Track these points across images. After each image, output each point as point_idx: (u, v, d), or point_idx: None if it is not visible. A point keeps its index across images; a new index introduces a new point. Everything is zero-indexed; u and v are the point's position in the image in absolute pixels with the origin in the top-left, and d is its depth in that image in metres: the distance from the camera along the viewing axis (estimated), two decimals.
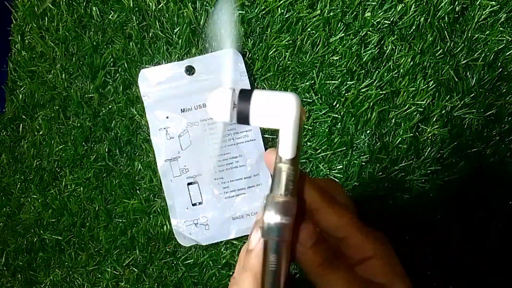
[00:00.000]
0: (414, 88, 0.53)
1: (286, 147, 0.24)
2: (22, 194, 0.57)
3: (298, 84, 0.54)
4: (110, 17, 0.55)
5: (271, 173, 0.25)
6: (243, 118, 0.23)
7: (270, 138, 0.54)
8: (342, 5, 0.53)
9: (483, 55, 0.53)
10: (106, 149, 0.55)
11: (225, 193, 0.53)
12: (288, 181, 0.24)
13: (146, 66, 0.55)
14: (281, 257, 0.24)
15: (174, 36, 0.54)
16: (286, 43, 0.53)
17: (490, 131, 0.53)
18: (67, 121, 0.56)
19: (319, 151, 0.53)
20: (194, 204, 0.53)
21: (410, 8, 0.52)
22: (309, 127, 0.53)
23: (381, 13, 0.52)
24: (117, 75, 0.55)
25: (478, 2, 0.53)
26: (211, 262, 0.55)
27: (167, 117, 0.53)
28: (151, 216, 0.55)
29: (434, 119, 0.53)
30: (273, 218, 0.23)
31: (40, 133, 0.56)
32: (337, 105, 0.53)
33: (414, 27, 0.53)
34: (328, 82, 0.53)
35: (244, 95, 0.23)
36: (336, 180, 0.53)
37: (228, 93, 0.23)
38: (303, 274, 0.33)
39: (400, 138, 0.53)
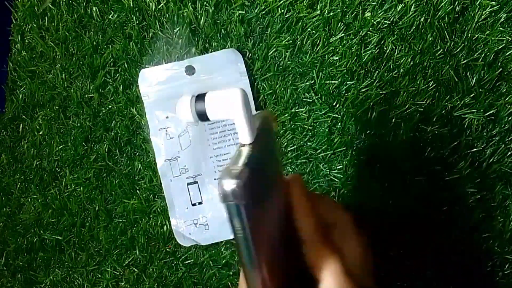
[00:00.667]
0: (414, 88, 0.53)
1: (243, 133, 0.28)
2: (22, 194, 0.57)
3: (298, 84, 0.54)
4: (110, 17, 0.55)
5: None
6: (201, 115, 0.29)
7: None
8: (342, 5, 0.53)
9: (483, 55, 0.53)
10: (106, 149, 0.55)
11: None
12: (246, 157, 0.27)
13: (146, 66, 0.55)
14: (245, 221, 0.26)
15: (174, 36, 0.54)
16: (286, 43, 0.53)
17: (490, 131, 0.53)
18: (67, 121, 0.56)
19: (319, 151, 0.53)
20: (194, 204, 0.53)
21: (410, 8, 0.52)
22: (309, 127, 0.53)
23: (381, 13, 0.52)
24: (117, 75, 0.55)
25: (478, 2, 0.53)
26: (211, 262, 0.55)
27: (167, 117, 0.53)
28: (151, 216, 0.55)
29: (434, 119, 0.53)
30: (226, 183, 0.25)
31: (40, 133, 0.56)
32: (337, 105, 0.53)
33: (414, 27, 0.53)
34: (328, 82, 0.53)
35: (200, 98, 0.29)
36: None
37: (188, 98, 0.29)
38: None
39: (400, 138, 0.53)
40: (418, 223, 0.53)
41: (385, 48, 0.53)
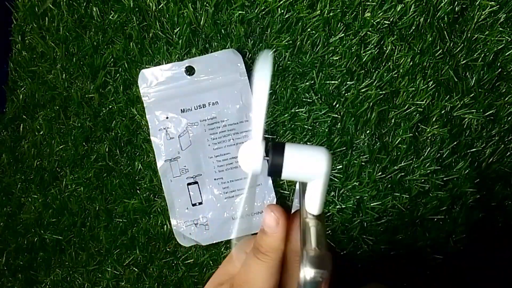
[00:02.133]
0: (413, 88, 0.53)
1: (314, 203, 0.24)
2: (22, 194, 0.57)
3: (298, 84, 0.54)
4: (110, 17, 0.55)
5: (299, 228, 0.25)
6: (275, 171, 0.24)
7: (270, 138, 0.54)
8: (342, 6, 0.53)
9: (482, 55, 0.53)
10: (107, 149, 0.55)
11: (225, 193, 0.53)
12: (319, 236, 0.24)
13: (146, 66, 0.55)
14: None
15: (174, 36, 0.55)
16: (286, 43, 0.53)
17: (490, 131, 0.53)
18: (68, 121, 0.56)
19: None
20: (194, 204, 0.53)
21: (409, 8, 0.52)
22: (309, 127, 0.53)
23: (381, 13, 0.52)
24: (118, 75, 0.55)
25: (477, 3, 0.53)
26: (211, 262, 0.55)
27: (167, 117, 0.54)
28: (151, 216, 0.55)
29: (433, 119, 0.53)
30: (309, 272, 0.22)
31: (41, 133, 0.56)
32: (337, 105, 0.53)
33: (413, 27, 0.53)
34: (328, 82, 0.53)
35: (277, 149, 0.24)
36: None
37: (260, 146, 0.24)
38: None
39: (399, 138, 0.53)
40: (418, 223, 0.54)
41: (384, 48, 0.53)
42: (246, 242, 0.30)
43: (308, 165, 0.23)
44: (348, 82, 0.53)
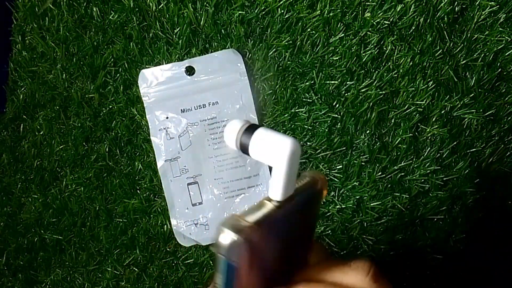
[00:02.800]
0: (413, 88, 0.53)
1: (275, 188, 0.24)
2: (22, 194, 0.57)
3: (298, 84, 0.54)
4: (110, 17, 0.55)
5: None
6: (244, 149, 0.25)
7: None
8: (342, 6, 0.53)
9: (482, 55, 0.53)
10: (107, 149, 0.55)
11: (225, 193, 0.53)
12: (263, 215, 0.23)
13: (147, 66, 0.55)
14: (231, 283, 0.23)
15: (174, 36, 0.55)
16: (286, 43, 0.53)
17: (490, 131, 0.53)
18: (68, 121, 0.56)
19: (319, 151, 0.54)
20: (194, 204, 0.53)
21: (409, 8, 0.52)
22: (309, 127, 0.54)
23: (381, 14, 0.52)
24: (118, 75, 0.55)
25: (477, 3, 0.53)
26: (211, 262, 0.55)
27: (167, 117, 0.54)
28: (152, 216, 0.55)
29: (433, 119, 0.53)
30: (224, 235, 0.22)
31: (41, 133, 0.56)
32: (337, 105, 0.53)
33: (413, 28, 0.53)
34: (328, 82, 0.53)
35: (249, 130, 0.25)
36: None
37: (239, 125, 0.25)
38: None
39: (399, 138, 0.53)
40: (417, 223, 0.54)
41: (384, 48, 0.53)
42: None
43: (271, 148, 0.24)
44: (348, 82, 0.53)
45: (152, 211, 0.55)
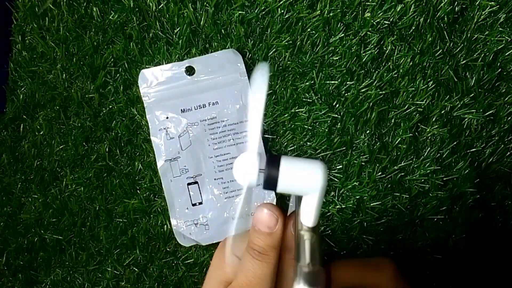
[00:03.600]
0: (413, 88, 0.53)
1: (309, 215, 0.24)
2: (22, 194, 0.57)
3: (298, 84, 0.54)
4: (110, 17, 0.55)
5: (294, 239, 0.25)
6: (270, 184, 0.23)
7: (270, 138, 0.54)
8: (342, 6, 0.53)
9: (482, 55, 0.53)
10: (107, 149, 0.55)
11: (225, 193, 0.53)
12: (313, 250, 0.24)
13: (147, 66, 0.55)
14: None
15: (174, 36, 0.55)
16: (286, 43, 0.53)
17: (490, 131, 0.53)
18: (68, 121, 0.56)
19: (319, 151, 0.54)
20: (194, 204, 0.53)
21: (409, 8, 0.52)
22: (309, 127, 0.54)
23: (381, 14, 0.52)
24: (118, 75, 0.55)
25: (477, 3, 0.53)
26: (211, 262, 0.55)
27: (167, 117, 0.54)
28: (152, 216, 0.55)
29: (433, 119, 0.53)
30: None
31: (41, 133, 0.56)
32: (337, 105, 0.53)
33: (413, 28, 0.53)
34: (328, 82, 0.53)
35: (273, 161, 0.23)
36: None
37: (255, 158, 0.23)
38: None
39: (399, 138, 0.53)
40: (417, 223, 0.54)
41: (384, 48, 0.53)
42: (234, 245, 0.30)
43: (304, 179, 0.23)
44: (348, 82, 0.53)
45: (152, 211, 0.55)
